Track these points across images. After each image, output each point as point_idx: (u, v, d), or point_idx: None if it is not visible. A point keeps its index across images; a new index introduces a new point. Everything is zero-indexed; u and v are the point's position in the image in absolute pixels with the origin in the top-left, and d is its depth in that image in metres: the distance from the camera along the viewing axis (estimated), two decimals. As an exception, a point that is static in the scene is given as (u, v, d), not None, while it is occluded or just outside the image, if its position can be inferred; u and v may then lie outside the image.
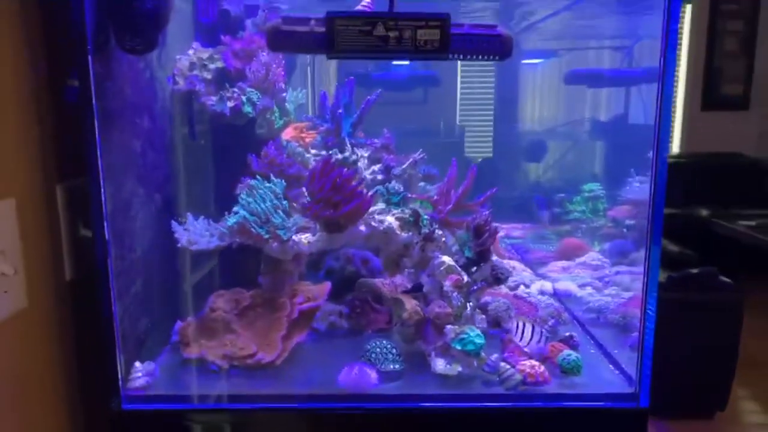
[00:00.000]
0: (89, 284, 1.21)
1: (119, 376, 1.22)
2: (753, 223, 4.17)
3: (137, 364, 1.27)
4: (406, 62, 2.61)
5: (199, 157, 1.60)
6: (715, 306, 2.60)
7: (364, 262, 1.69)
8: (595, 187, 2.31)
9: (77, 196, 1.22)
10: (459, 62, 2.67)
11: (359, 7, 1.15)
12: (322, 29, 1.09)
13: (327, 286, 1.45)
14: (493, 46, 1.11)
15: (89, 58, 1.10)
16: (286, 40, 1.12)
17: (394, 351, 1.32)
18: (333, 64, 2.44)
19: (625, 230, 2.14)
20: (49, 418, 1.19)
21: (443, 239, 1.41)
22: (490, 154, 2.65)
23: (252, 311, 1.42)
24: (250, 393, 1.26)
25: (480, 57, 1.12)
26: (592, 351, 1.43)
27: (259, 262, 1.48)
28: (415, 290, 1.46)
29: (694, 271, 2.56)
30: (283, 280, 1.44)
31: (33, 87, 1.12)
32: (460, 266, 1.38)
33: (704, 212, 4.46)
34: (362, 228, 1.36)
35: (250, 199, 1.26)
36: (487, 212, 1.39)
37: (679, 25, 1.16)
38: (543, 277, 1.87)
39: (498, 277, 1.38)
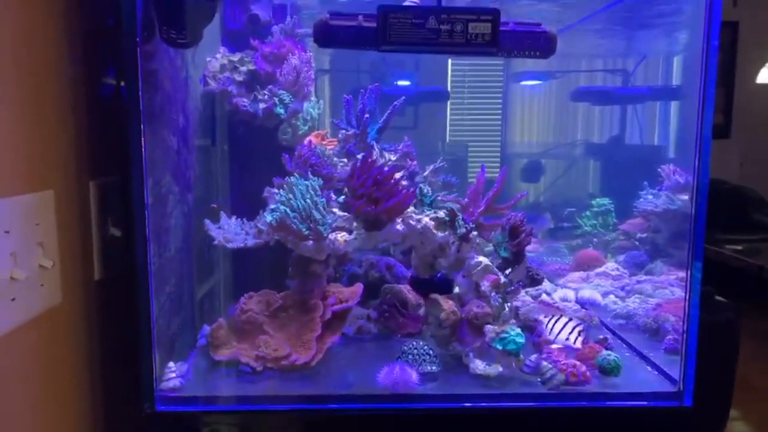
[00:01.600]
0: (122, 283, 1.17)
1: (154, 377, 1.18)
2: (740, 247, 4.24)
3: (171, 364, 1.24)
4: (408, 83, 2.65)
5: (229, 157, 1.59)
6: (713, 326, 2.61)
7: (389, 268, 1.68)
8: (605, 201, 2.34)
9: (110, 193, 1.19)
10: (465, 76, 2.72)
11: (407, 3, 1.16)
12: (372, 24, 1.10)
13: (359, 287, 1.42)
14: (539, 43, 1.13)
15: (138, 50, 1.09)
16: (335, 35, 1.13)
17: (431, 352, 1.30)
18: (326, 80, 2.45)
19: (637, 243, 2.16)
20: (80, 416, 1.14)
21: (478, 240, 1.41)
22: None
23: (283, 313, 1.39)
24: (288, 394, 1.22)
25: (526, 54, 1.14)
26: (627, 354, 1.43)
27: (285, 265, 1.45)
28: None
29: (691, 291, 2.57)
30: (312, 283, 1.42)
31: (71, 80, 1.10)
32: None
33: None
34: (399, 227, 1.35)
35: (290, 196, 1.24)
36: (521, 213, 1.39)
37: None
38: (563, 286, 1.87)
39: (534, 278, 1.37)
